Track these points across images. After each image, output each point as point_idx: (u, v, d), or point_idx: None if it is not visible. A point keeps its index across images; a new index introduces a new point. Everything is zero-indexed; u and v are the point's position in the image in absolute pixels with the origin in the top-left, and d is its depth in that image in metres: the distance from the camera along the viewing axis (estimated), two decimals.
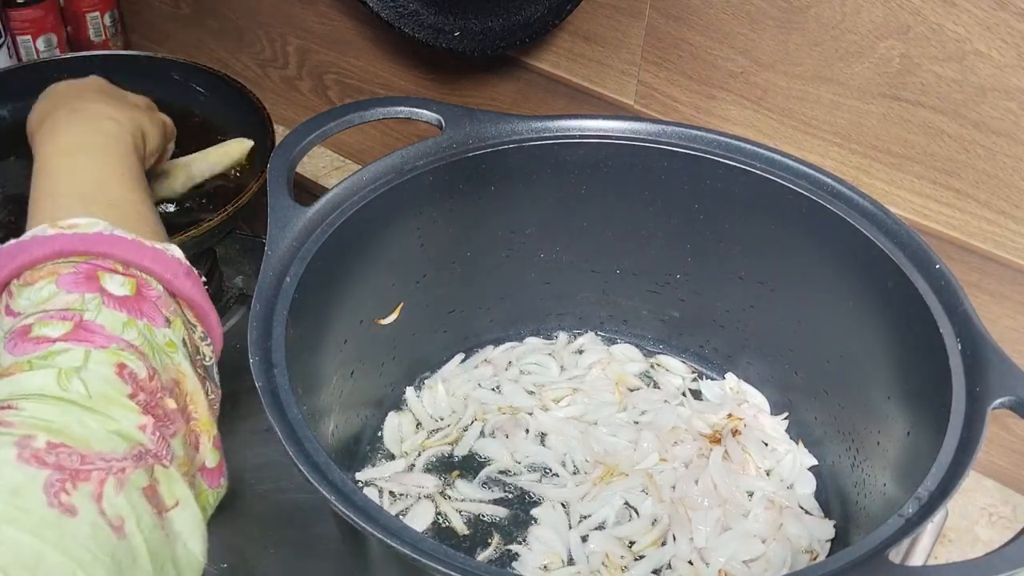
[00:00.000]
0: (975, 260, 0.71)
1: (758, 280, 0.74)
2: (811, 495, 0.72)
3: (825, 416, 0.73)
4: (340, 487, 0.48)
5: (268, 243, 0.61)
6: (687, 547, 0.67)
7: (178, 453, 0.47)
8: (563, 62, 0.86)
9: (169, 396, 0.48)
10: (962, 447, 0.52)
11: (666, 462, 0.73)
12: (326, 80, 1.07)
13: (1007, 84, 0.63)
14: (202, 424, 0.51)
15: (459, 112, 0.70)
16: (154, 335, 0.49)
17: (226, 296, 0.91)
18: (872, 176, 0.72)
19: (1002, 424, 0.76)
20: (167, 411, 0.47)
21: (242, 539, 0.70)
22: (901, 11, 0.65)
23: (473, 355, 0.82)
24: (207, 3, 1.13)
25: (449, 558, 0.45)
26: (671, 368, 0.82)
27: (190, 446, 0.49)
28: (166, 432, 0.46)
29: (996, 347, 0.56)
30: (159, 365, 0.48)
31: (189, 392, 0.50)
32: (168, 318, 0.51)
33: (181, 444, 0.48)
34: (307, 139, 0.66)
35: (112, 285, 0.49)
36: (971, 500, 0.77)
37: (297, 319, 0.58)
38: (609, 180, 0.73)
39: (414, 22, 0.81)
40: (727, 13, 0.73)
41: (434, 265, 0.75)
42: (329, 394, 0.67)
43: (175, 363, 0.50)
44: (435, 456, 0.75)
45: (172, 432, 0.47)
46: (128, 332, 0.48)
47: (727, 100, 0.77)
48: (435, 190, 0.70)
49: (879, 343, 0.65)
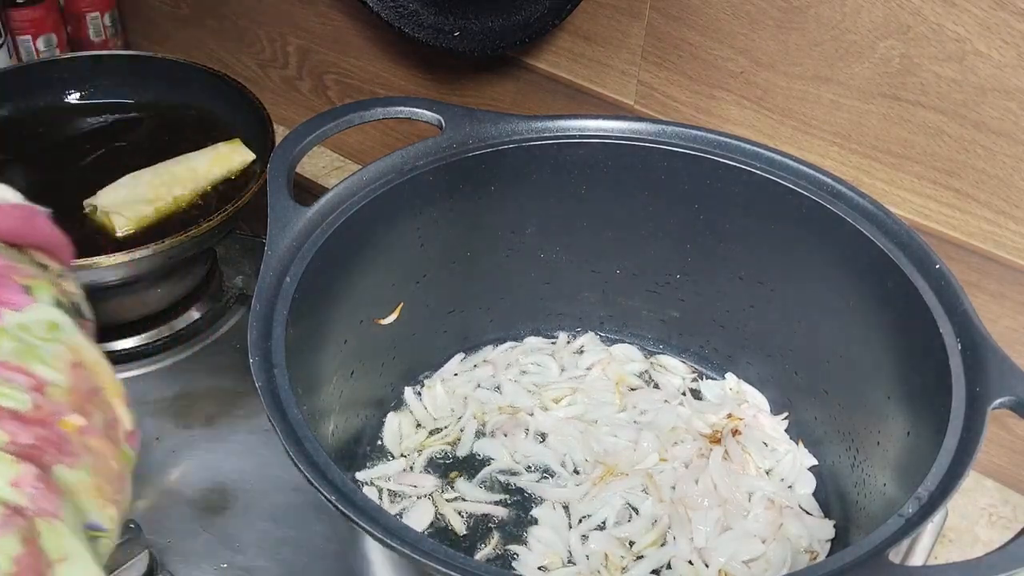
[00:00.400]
0: (975, 260, 0.71)
1: (758, 280, 0.74)
2: (811, 495, 0.72)
3: (825, 416, 0.73)
4: (340, 487, 0.48)
5: (268, 243, 0.61)
6: (687, 547, 0.67)
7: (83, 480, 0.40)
8: (563, 62, 0.86)
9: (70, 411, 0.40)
10: (962, 447, 0.52)
11: (666, 462, 0.73)
12: (326, 80, 1.07)
13: (1007, 84, 0.63)
14: (111, 388, 0.44)
15: (459, 112, 0.70)
16: (29, 328, 0.41)
17: (226, 296, 0.91)
18: (872, 176, 0.72)
19: (1002, 424, 0.76)
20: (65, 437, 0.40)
21: (242, 539, 0.70)
22: (901, 11, 0.65)
23: (473, 355, 0.82)
24: (207, 3, 1.13)
25: (449, 558, 0.45)
26: (671, 368, 0.82)
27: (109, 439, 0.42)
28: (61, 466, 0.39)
29: (996, 347, 0.56)
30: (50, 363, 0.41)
31: (90, 362, 0.43)
32: (27, 286, 0.42)
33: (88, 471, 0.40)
34: (307, 139, 0.66)
35: None
36: (971, 500, 0.77)
37: (297, 319, 0.58)
38: (609, 180, 0.73)
39: (414, 22, 0.81)
40: (727, 13, 0.73)
41: (434, 265, 0.75)
42: (329, 394, 0.67)
43: (64, 343, 0.42)
44: (435, 456, 0.75)
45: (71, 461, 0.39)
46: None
47: (727, 100, 0.77)
48: (435, 190, 0.70)
49: (879, 343, 0.65)
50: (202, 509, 0.72)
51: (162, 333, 0.86)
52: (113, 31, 1.18)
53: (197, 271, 0.88)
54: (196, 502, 0.73)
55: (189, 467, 0.75)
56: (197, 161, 0.87)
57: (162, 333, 0.86)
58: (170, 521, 0.71)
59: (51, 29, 1.12)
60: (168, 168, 0.86)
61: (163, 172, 0.85)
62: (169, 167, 0.86)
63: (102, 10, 1.16)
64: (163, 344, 0.85)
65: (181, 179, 0.85)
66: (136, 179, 0.84)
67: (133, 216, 0.82)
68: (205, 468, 0.75)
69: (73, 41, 1.17)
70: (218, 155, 0.88)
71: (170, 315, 0.87)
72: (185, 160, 0.87)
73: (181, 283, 0.87)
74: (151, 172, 0.85)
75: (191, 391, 0.82)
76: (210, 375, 0.83)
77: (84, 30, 1.16)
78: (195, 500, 0.73)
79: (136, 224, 0.82)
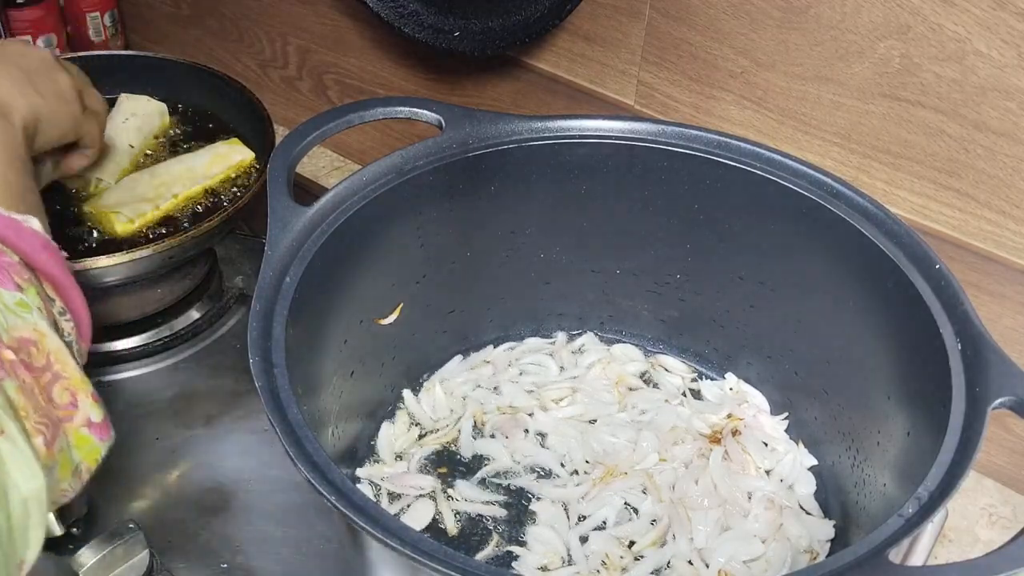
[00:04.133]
0: (975, 260, 0.71)
1: (758, 280, 0.74)
2: (811, 495, 0.72)
3: (825, 416, 0.73)
4: (340, 487, 0.48)
5: (268, 243, 0.61)
6: (687, 547, 0.67)
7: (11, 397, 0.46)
8: (563, 62, 0.86)
9: (6, 348, 0.47)
10: (962, 447, 0.52)
11: (666, 462, 0.73)
12: (326, 80, 1.07)
13: (1007, 84, 0.63)
14: (75, 382, 0.51)
15: (459, 112, 0.70)
16: (2, 300, 0.48)
17: (226, 296, 0.91)
18: (872, 176, 0.72)
19: (1002, 424, 0.76)
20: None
21: (242, 539, 0.70)
22: (901, 11, 0.65)
23: (473, 355, 0.82)
24: (207, 3, 1.13)
25: (449, 558, 0.45)
26: (671, 368, 0.82)
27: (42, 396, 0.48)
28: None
29: (996, 347, 0.56)
30: (2, 324, 0.47)
31: (51, 351, 0.50)
32: (20, 284, 0.50)
33: (15, 390, 0.47)
34: (307, 139, 0.66)
35: None
36: (971, 500, 0.77)
37: (297, 319, 0.58)
38: (609, 180, 0.73)
39: (414, 22, 0.81)
40: (727, 13, 0.73)
41: (434, 265, 0.75)
42: (329, 394, 0.67)
43: (27, 322, 0.49)
44: (434, 456, 0.75)
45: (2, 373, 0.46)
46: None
47: (727, 100, 0.77)
48: (435, 190, 0.70)
49: (879, 343, 0.65)
50: (202, 509, 0.72)
51: (162, 333, 0.86)
52: (113, 31, 1.18)
53: (197, 271, 0.88)
54: (196, 502, 0.73)
55: (189, 467, 0.75)
56: (196, 161, 0.87)
57: (162, 333, 0.86)
58: (170, 521, 0.71)
59: (51, 29, 1.12)
60: (167, 168, 0.86)
61: (162, 172, 0.85)
62: (168, 167, 0.86)
63: (102, 10, 1.16)
64: (163, 344, 0.85)
65: (180, 178, 0.85)
66: (135, 180, 0.84)
67: (133, 215, 0.82)
68: (205, 468, 0.75)
69: (73, 41, 1.17)
70: (217, 155, 0.88)
71: (170, 315, 0.87)
72: (184, 160, 0.87)
73: (181, 283, 0.87)
74: (150, 173, 0.85)
75: (191, 391, 0.82)
76: (210, 375, 0.83)
77: (84, 30, 1.16)
78: (195, 500, 0.73)
79: (136, 223, 0.82)
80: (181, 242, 0.76)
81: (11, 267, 0.50)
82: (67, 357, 0.51)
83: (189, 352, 0.85)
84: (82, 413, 0.50)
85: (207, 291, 0.90)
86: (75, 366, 0.51)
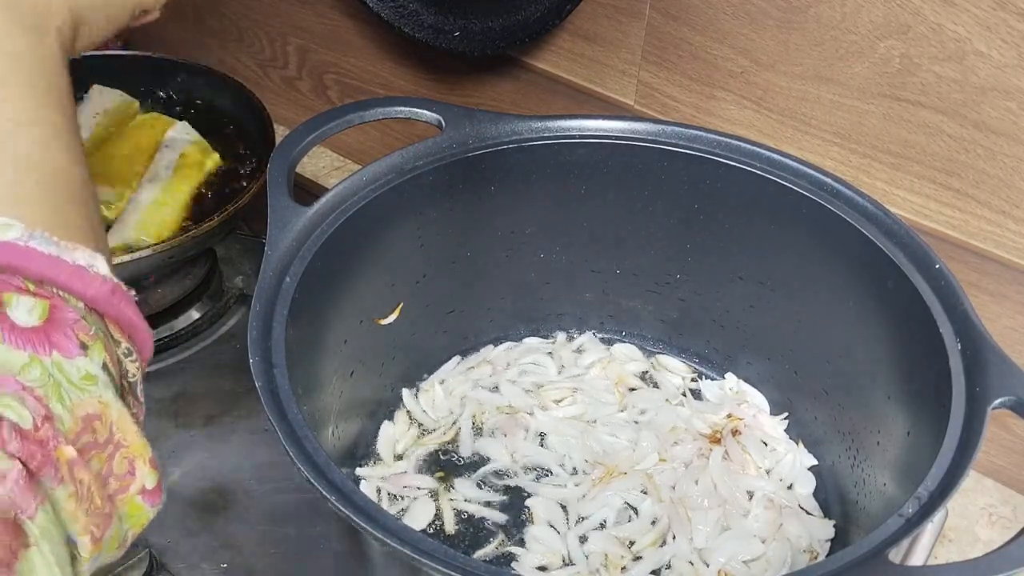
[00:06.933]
0: (975, 260, 0.71)
1: (758, 280, 0.74)
2: (811, 495, 0.72)
3: (825, 416, 0.73)
4: (340, 487, 0.48)
5: (268, 243, 0.61)
6: (687, 547, 0.67)
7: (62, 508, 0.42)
8: (563, 62, 0.86)
9: (66, 443, 0.43)
10: (962, 447, 0.52)
11: (666, 462, 0.73)
12: (326, 80, 1.07)
13: (1007, 84, 0.63)
14: (134, 449, 0.48)
15: (459, 112, 0.70)
16: (65, 371, 0.44)
17: (226, 296, 0.91)
18: (872, 176, 0.72)
19: (1002, 424, 0.76)
20: (57, 460, 0.42)
21: (242, 539, 0.70)
22: (901, 11, 0.65)
23: (472, 355, 0.82)
24: (207, 3, 1.13)
25: (449, 558, 0.46)
26: (671, 368, 0.82)
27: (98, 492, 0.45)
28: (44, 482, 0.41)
29: (996, 347, 0.56)
30: (67, 404, 0.43)
31: (114, 420, 0.46)
32: (85, 343, 0.45)
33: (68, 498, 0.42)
34: (307, 139, 0.66)
35: (19, 312, 0.43)
36: (971, 500, 0.77)
37: (297, 319, 0.58)
38: (609, 180, 0.73)
39: (414, 22, 0.81)
40: (727, 13, 0.73)
41: (434, 265, 0.75)
42: (329, 394, 0.67)
43: (93, 396, 0.45)
44: (433, 456, 0.75)
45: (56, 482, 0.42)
46: (27, 373, 0.42)
47: (727, 100, 0.77)
48: (435, 190, 0.70)
49: (879, 343, 0.65)
50: (202, 509, 0.72)
51: (162, 333, 0.86)
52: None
53: (197, 271, 0.88)
54: (196, 502, 0.73)
55: (189, 467, 0.75)
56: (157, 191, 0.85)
57: (162, 333, 0.86)
58: (170, 521, 0.71)
59: None
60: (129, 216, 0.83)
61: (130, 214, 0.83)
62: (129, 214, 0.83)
63: None
64: (163, 344, 0.85)
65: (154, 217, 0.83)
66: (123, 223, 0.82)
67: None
68: (205, 468, 0.75)
69: None
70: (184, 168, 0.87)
71: (170, 315, 0.87)
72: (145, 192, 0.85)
73: (181, 283, 0.87)
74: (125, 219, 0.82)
75: (191, 391, 0.82)
76: (210, 375, 0.83)
77: None
78: (195, 500, 0.73)
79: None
80: (181, 242, 0.76)
81: (75, 324, 0.45)
82: (128, 423, 0.47)
83: (189, 352, 0.85)
84: (138, 481, 0.47)
85: (207, 291, 0.90)
86: (136, 432, 0.47)
